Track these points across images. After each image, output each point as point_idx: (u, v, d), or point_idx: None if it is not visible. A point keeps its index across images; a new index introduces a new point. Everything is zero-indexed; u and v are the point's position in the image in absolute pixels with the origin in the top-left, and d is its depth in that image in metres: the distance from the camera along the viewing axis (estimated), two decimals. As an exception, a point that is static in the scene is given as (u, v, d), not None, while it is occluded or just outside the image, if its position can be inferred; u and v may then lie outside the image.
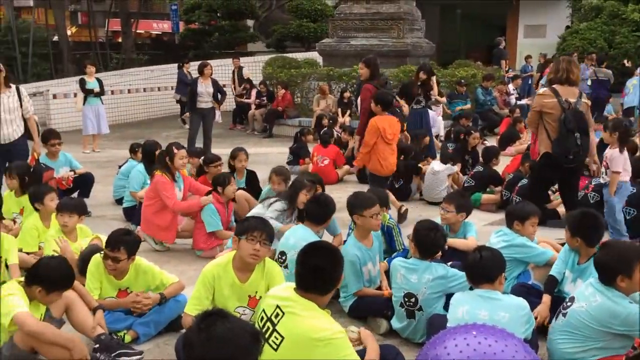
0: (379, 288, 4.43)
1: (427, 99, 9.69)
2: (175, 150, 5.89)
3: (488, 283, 3.41)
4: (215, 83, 10.59)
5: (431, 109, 9.90)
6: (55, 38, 21.14)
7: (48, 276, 3.42)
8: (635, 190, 5.96)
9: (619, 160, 5.62)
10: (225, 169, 7.13)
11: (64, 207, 4.86)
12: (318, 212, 4.55)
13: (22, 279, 3.56)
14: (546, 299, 3.96)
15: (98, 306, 3.86)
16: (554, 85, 5.43)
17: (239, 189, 6.81)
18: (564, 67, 5.41)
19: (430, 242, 3.91)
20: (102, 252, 4.01)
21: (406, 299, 3.93)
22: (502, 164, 8.13)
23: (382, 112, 6.45)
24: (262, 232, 3.54)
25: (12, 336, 3.33)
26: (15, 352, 3.31)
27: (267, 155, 10.73)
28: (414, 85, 9.56)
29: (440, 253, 4.05)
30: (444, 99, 12.01)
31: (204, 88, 10.34)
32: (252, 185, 7.11)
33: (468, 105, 12.78)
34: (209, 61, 11.70)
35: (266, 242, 3.57)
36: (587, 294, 3.39)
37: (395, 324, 4.07)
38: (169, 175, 5.86)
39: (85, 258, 4.19)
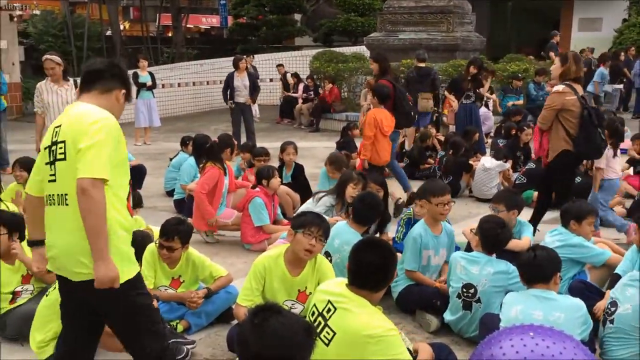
0: None
1: (477, 94, 9.55)
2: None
3: (543, 283, 3.34)
4: (250, 76, 10.68)
5: (477, 105, 9.74)
6: (109, 32, 21.67)
7: None
8: None
9: (602, 158, 5.69)
10: (274, 162, 7.19)
11: None
12: (365, 213, 4.47)
13: None
14: (609, 295, 3.86)
15: (153, 296, 3.95)
16: (568, 82, 5.29)
17: (287, 183, 6.89)
18: (578, 63, 5.34)
19: (495, 238, 3.90)
20: (157, 241, 4.10)
21: (464, 290, 3.91)
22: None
23: (378, 105, 6.72)
24: (319, 228, 3.56)
25: None
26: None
27: (313, 150, 10.77)
28: (464, 80, 9.42)
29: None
30: (494, 96, 11.79)
31: (240, 82, 10.46)
32: (299, 178, 7.14)
33: (520, 101, 12.50)
34: (256, 54, 11.79)
35: (322, 239, 3.59)
36: (628, 295, 3.29)
37: (448, 316, 4.03)
38: (220, 167, 5.97)
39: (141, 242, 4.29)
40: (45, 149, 2.75)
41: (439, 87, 10.72)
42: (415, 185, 4.91)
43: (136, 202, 5.19)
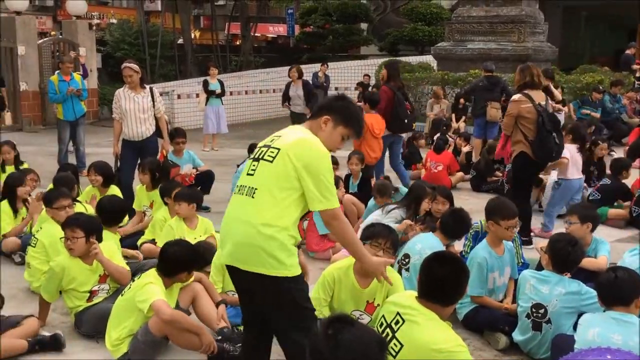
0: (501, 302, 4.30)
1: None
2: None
3: (622, 305, 3.19)
4: (306, 85, 10.78)
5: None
6: (180, 41, 22.35)
7: (185, 259, 3.68)
8: None
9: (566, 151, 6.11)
10: (343, 171, 7.24)
11: (179, 196, 5.23)
12: (454, 226, 4.51)
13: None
14: None
15: (221, 300, 4.04)
16: (525, 91, 5.76)
17: (353, 192, 6.89)
18: (534, 72, 5.84)
19: (567, 257, 3.77)
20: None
21: (534, 310, 3.79)
22: (632, 177, 7.60)
23: (369, 110, 7.34)
24: (387, 240, 3.56)
25: (147, 322, 3.55)
26: (149, 338, 3.53)
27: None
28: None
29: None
30: (566, 108, 11.41)
31: (295, 91, 10.57)
32: (365, 188, 7.12)
33: (597, 114, 12.00)
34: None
35: (389, 250, 3.58)
36: None
37: (517, 336, 3.92)
38: None
39: (203, 254, 4.41)
40: (259, 146, 3.06)
41: (511, 95, 10.45)
42: (481, 198, 4.82)
43: (193, 198, 5.40)
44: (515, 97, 5.88)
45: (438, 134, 10.45)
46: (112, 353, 3.65)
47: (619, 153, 9.87)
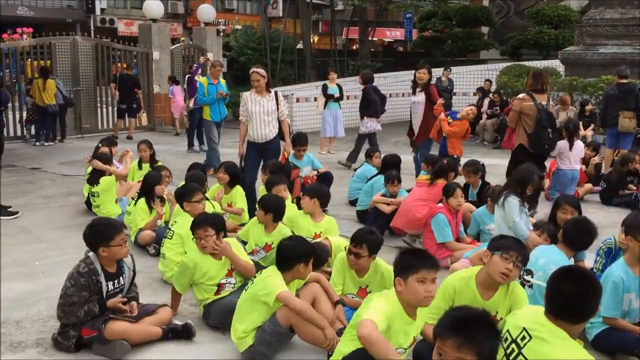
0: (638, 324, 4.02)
1: None
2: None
3: None
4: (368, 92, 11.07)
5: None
6: (300, 46, 22.92)
7: (299, 251, 3.79)
8: None
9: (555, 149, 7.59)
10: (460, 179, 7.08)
11: (305, 191, 5.57)
12: (577, 237, 4.25)
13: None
14: None
15: (339, 300, 4.11)
16: (530, 91, 6.94)
17: (471, 201, 6.73)
18: (544, 81, 7.03)
19: None
20: (347, 247, 4.25)
21: None
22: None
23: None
24: (518, 254, 3.46)
25: (274, 313, 3.69)
26: (277, 328, 3.66)
27: (495, 167, 10.37)
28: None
29: None
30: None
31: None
32: (484, 196, 6.93)
33: None
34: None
35: (519, 265, 3.47)
36: None
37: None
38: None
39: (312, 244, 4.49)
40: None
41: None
42: (611, 212, 4.50)
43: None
44: (520, 95, 7.12)
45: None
46: (237, 346, 3.82)
47: None
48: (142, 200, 6.07)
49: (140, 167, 7.66)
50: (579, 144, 8.28)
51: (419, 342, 3.49)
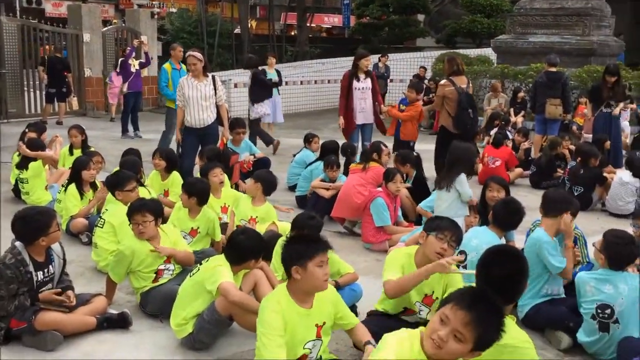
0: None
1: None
2: (383, 148, 6.66)
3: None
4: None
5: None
6: (237, 30, 22.61)
7: (251, 247, 3.73)
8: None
9: None
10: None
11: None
12: (507, 217, 4.38)
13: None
14: None
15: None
16: (450, 77, 7.44)
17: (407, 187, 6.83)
18: (459, 62, 7.53)
19: (623, 255, 3.66)
20: (287, 235, 4.23)
21: (599, 311, 3.69)
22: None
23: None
24: (452, 234, 3.53)
25: (213, 302, 3.64)
26: (215, 317, 3.62)
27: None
28: (604, 88, 8.90)
29: None
30: (633, 106, 11.01)
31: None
32: (420, 183, 7.05)
33: None
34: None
35: (453, 244, 3.55)
36: None
37: (583, 337, 3.82)
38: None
39: (268, 242, 4.47)
40: None
41: (570, 92, 10.18)
42: (540, 195, 4.68)
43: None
44: (442, 82, 7.72)
45: (496, 129, 10.26)
46: (176, 333, 3.76)
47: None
48: (72, 186, 5.86)
49: (71, 153, 7.37)
50: None
51: None
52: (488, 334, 2.29)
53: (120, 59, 13.13)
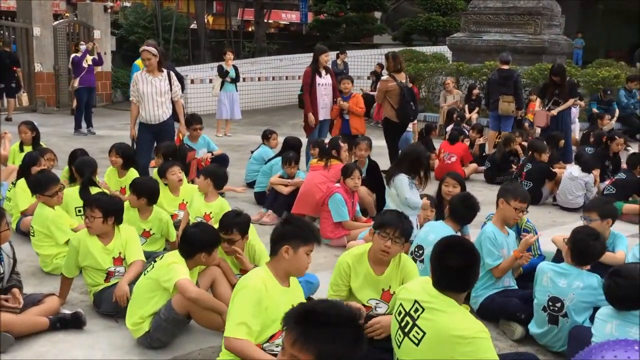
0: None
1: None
2: (342, 144, 6.73)
3: (635, 309, 3.16)
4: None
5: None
6: (194, 26, 22.30)
7: (204, 240, 3.70)
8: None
9: None
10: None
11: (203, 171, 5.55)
12: (463, 212, 4.47)
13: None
14: None
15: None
16: (392, 73, 8.04)
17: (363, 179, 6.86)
18: (401, 60, 8.17)
19: (587, 250, 3.75)
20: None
21: (550, 304, 3.78)
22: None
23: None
24: (395, 229, 3.54)
25: (170, 300, 3.59)
26: (172, 315, 3.57)
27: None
28: (550, 86, 9.16)
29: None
30: (582, 102, 11.35)
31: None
32: (374, 175, 7.08)
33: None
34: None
35: (397, 240, 3.56)
36: None
37: (534, 328, 3.92)
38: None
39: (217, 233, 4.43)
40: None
41: (522, 90, 10.43)
42: (495, 190, 4.80)
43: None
44: (384, 77, 8.35)
45: (452, 125, 10.43)
46: (132, 333, 3.69)
47: (634, 148, 9.83)
48: (22, 181, 5.67)
49: (21, 150, 7.13)
50: None
51: None
52: (327, 347, 1.89)
53: (72, 55, 12.79)
